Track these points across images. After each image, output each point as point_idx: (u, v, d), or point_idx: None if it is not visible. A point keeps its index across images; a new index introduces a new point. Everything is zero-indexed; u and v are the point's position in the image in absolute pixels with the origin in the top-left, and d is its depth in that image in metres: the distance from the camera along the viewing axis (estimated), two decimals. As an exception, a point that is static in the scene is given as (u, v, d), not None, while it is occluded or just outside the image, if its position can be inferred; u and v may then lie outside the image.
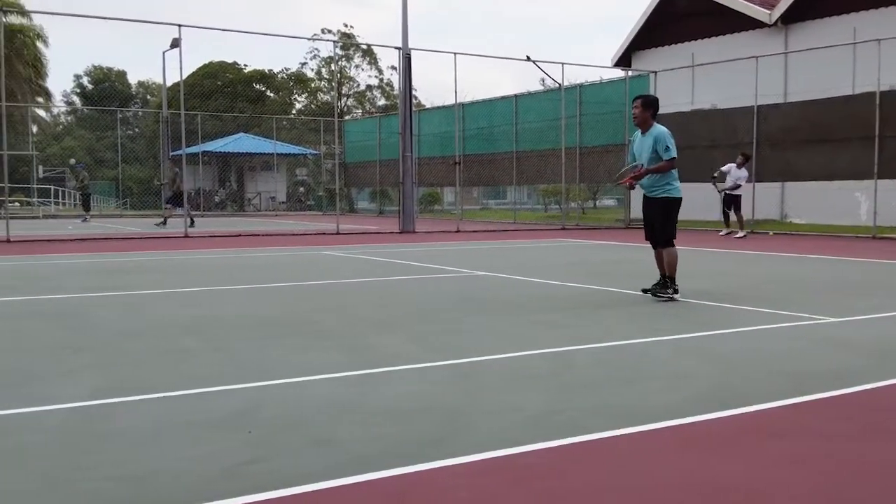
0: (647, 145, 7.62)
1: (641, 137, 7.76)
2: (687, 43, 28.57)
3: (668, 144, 7.52)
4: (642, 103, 7.69)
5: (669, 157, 7.54)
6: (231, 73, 49.97)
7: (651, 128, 7.64)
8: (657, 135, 7.56)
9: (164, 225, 22.34)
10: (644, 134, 7.71)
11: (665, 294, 7.60)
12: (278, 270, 10.66)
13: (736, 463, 3.05)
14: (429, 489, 2.78)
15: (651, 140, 7.58)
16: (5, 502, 2.66)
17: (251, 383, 4.23)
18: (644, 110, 7.65)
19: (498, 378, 4.40)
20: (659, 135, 7.56)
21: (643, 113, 7.65)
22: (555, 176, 24.94)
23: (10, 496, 2.70)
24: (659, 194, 7.75)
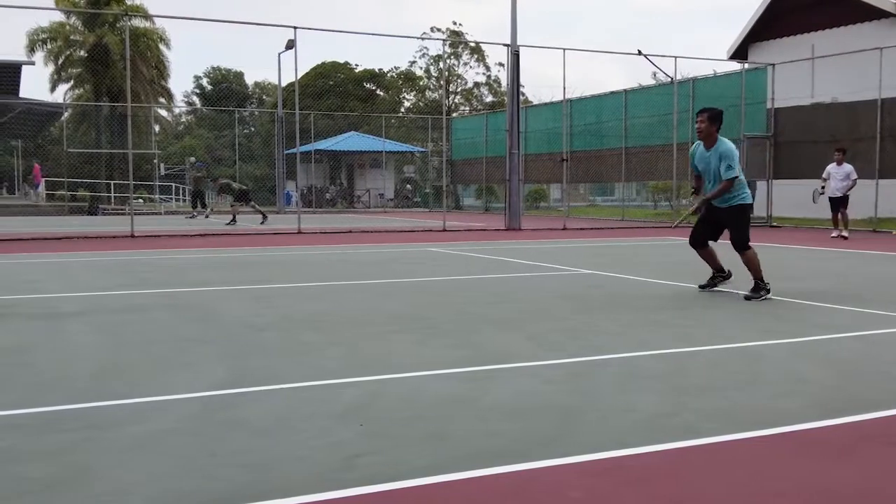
0: (714, 161, 7.55)
1: (704, 151, 7.66)
2: (806, 34, 27.50)
3: (730, 164, 7.43)
4: (708, 117, 7.54)
5: (730, 176, 7.44)
6: (343, 72, 51.08)
7: (717, 143, 7.54)
8: (723, 151, 7.47)
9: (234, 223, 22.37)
10: (708, 149, 7.61)
11: (758, 295, 7.48)
12: (389, 267, 10.87)
13: (854, 471, 2.98)
14: (541, 487, 2.82)
15: (717, 156, 7.50)
16: (149, 484, 2.85)
17: (369, 377, 4.37)
18: (710, 124, 7.53)
19: (611, 378, 4.40)
20: (725, 152, 7.47)
21: (709, 127, 7.52)
22: (665, 172, 24.48)
23: (153, 479, 2.90)
24: (731, 203, 7.64)
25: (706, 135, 7.57)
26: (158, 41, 39.12)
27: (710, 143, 7.59)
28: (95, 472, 2.95)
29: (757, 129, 22.50)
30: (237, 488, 2.80)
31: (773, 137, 22.30)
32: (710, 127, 7.54)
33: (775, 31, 28.75)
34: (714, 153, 7.54)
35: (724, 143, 7.56)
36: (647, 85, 28.55)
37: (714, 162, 7.55)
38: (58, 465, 3.03)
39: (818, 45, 26.07)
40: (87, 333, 5.80)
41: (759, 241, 16.05)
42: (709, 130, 7.55)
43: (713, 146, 7.56)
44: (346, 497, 2.71)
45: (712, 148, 7.57)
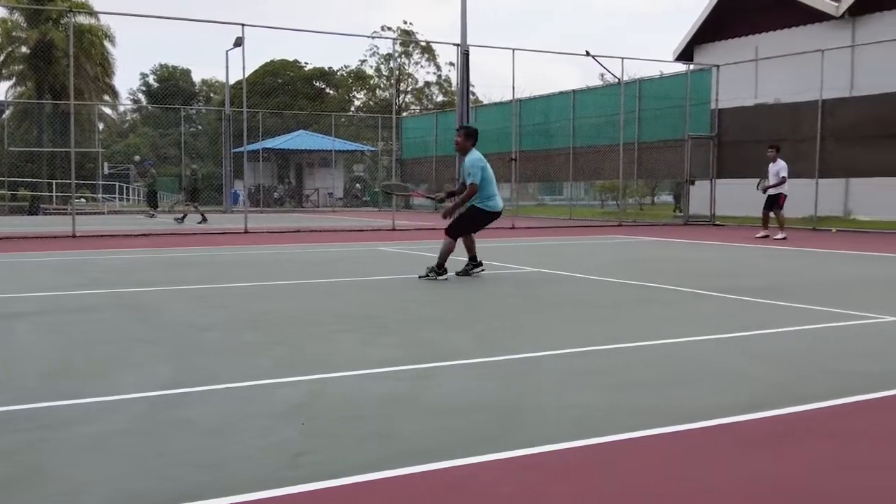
0: (462, 170, 8.99)
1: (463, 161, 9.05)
2: (751, 36, 28.11)
3: (470, 171, 8.78)
4: (464, 133, 9.02)
5: (470, 181, 8.81)
6: (292, 70, 50.71)
7: (468, 153, 8.89)
8: (467, 162, 8.86)
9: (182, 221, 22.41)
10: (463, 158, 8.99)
11: (426, 275, 8.88)
12: (336, 266, 10.85)
13: (790, 464, 3.06)
14: (475, 483, 2.86)
15: (465, 166, 8.89)
16: (103, 484, 2.83)
17: (312, 376, 4.37)
18: (466, 139, 8.93)
19: (552, 375, 4.46)
20: (467, 163, 8.86)
21: (464, 141, 8.92)
22: (612, 172, 24.79)
23: (106, 479, 2.88)
24: (472, 203, 8.96)
25: (461, 147, 8.96)
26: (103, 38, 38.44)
27: (464, 154, 8.96)
28: (49, 472, 2.93)
29: (701, 129, 22.91)
30: (188, 488, 2.80)
31: (717, 137, 22.73)
32: (465, 142, 8.92)
33: (720, 32, 29.31)
34: (464, 164, 8.92)
35: (470, 155, 8.88)
36: (594, 86, 28.86)
37: (463, 170, 8.98)
38: (11, 465, 3.01)
39: (762, 46, 26.65)
40: (37, 333, 5.71)
41: (702, 238, 16.43)
42: (464, 144, 8.92)
43: (465, 156, 8.92)
44: (291, 494, 2.73)
45: (465, 158, 8.93)
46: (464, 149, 8.92)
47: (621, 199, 27.84)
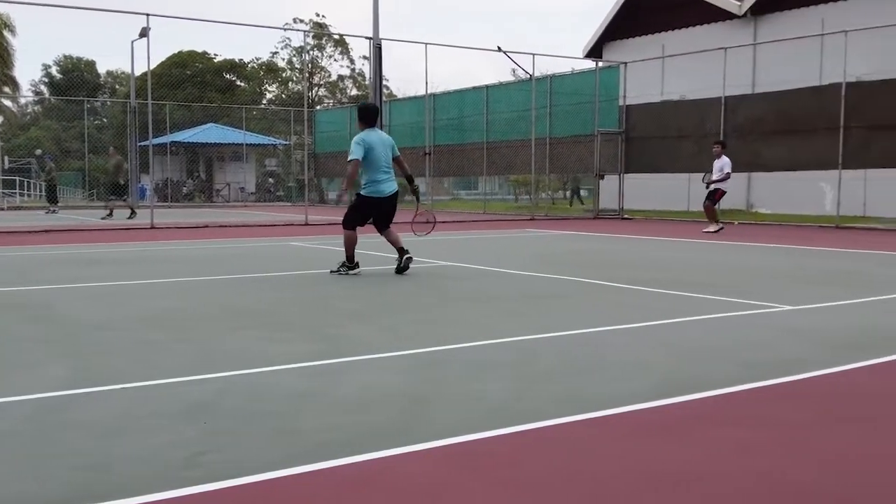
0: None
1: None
2: (658, 34, 28.80)
3: (352, 148, 8.70)
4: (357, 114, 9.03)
5: (349, 158, 8.74)
6: (201, 62, 49.54)
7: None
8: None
9: (111, 216, 21.94)
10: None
11: (339, 270, 8.88)
12: (246, 262, 10.65)
13: (688, 449, 3.14)
14: (388, 476, 2.84)
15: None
16: (-31, 492, 2.68)
17: (217, 374, 4.26)
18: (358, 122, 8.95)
19: (461, 367, 4.47)
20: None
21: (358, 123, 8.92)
22: (525, 166, 25.07)
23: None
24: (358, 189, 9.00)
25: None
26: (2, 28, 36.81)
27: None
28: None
29: (610, 125, 23.37)
30: (75, 490, 2.69)
31: (625, 133, 23.22)
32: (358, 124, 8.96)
33: (629, 30, 29.95)
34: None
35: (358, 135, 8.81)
36: (507, 81, 29.11)
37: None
38: None
39: (668, 44, 27.34)
40: (-89, 336, 5.40)
41: (611, 231, 16.76)
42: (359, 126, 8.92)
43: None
44: (189, 495, 2.64)
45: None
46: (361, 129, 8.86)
47: (534, 194, 28.18)
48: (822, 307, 6.64)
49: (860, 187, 21.30)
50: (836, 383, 4.17)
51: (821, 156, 18.53)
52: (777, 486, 2.76)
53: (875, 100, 17.55)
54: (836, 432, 3.37)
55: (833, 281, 8.63)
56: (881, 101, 17.46)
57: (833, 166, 18.26)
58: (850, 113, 17.86)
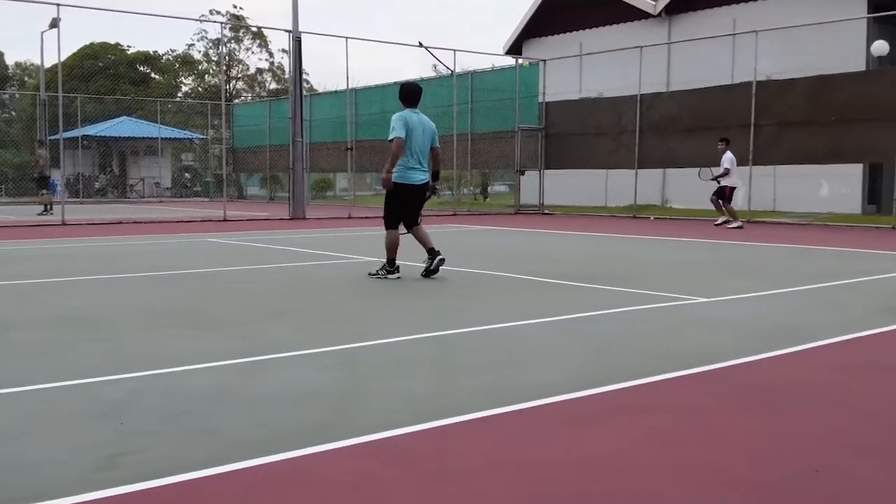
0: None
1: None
2: (576, 32, 29.22)
3: (392, 125, 7.86)
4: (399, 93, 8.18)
5: (391, 136, 7.85)
6: (114, 54, 48.07)
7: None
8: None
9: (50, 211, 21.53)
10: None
11: (380, 274, 8.11)
12: (162, 258, 10.41)
13: (607, 439, 3.20)
14: (311, 474, 2.81)
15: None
16: None
17: (134, 373, 4.15)
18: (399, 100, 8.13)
19: (384, 362, 4.46)
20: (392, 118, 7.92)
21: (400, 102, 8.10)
22: (446, 162, 25.12)
23: None
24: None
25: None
26: None
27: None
28: None
29: (531, 121, 23.62)
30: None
31: (545, 130, 23.50)
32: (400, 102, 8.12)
33: (547, 28, 30.30)
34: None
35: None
36: (428, 77, 29.14)
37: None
38: None
39: (586, 42, 27.78)
40: None
41: (531, 226, 16.97)
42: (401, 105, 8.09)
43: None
44: (108, 497, 2.57)
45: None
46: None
47: (456, 190, 28.29)
48: (735, 299, 6.85)
49: (770, 183, 22.05)
50: (749, 372, 4.31)
51: (733, 152, 19.07)
52: (694, 471, 2.84)
53: (784, 98, 18.18)
54: (749, 418, 3.48)
55: (745, 274, 8.91)
56: (789, 100, 18.10)
57: (744, 163, 18.84)
58: (761, 111, 18.46)
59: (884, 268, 9.23)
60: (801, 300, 6.91)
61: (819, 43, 20.23)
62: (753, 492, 2.67)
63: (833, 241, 13.09)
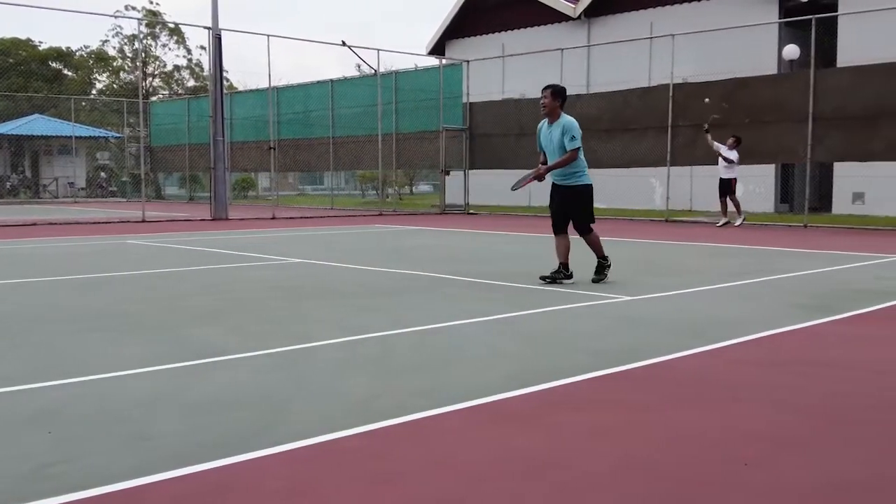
0: (556, 135, 7.69)
1: (549, 127, 7.80)
2: (498, 33, 29.49)
3: (573, 135, 7.61)
4: (552, 92, 7.70)
5: (573, 147, 7.63)
6: (25, 50, 46.38)
7: (559, 118, 7.71)
8: (565, 124, 7.64)
9: None
10: (551, 124, 7.77)
11: (603, 275, 7.97)
12: (80, 261, 10.11)
13: (542, 436, 3.26)
14: (247, 480, 2.79)
15: (559, 130, 7.66)
16: None
17: (60, 380, 4.04)
18: (553, 99, 7.69)
19: (320, 365, 4.44)
20: (567, 124, 7.65)
21: (552, 102, 7.68)
22: (372, 162, 25.05)
23: None
24: (572, 183, 7.84)
25: (550, 110, 7.71)
26: None
27: (553, 119, 7.74)
28: None
29: (455, 121, 23.73)
30: None
31: (469, 130, 23.65)
32: (553, 102, 7.68)
33: (470, 29, 30.49)
34: (556, 127, 7.69)
35: (566, 117, 7.72)
36: (352, 76, 29.00)
37: (556, 136, 7.68)
38: None
39: (508, 44, 28.06)
40: None
41: (458, 227, 17.07)
42: (552, 106, 7.69)
43: (556, 121, 7.71)
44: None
45: (555, 123, 7.72)
46: (553, 111, 7.70)
47: (381, 190, 28.24)
48: (658, 297, 7.04)
49: (686, 183, 22.65)
50: (676, 367, 4.45)
51: (652, 153, 19.57)
52: (627, 464, 2.92)
53: (699, 100, 18.69)
54: (677, 413, 3.59)
55: (667, 272, 9.15)
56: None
57: (662, 163, 19.33)
58: (678, 112, 18.95)
59: (797, 265, 9.59)
60: (720, 297, 7.13)
61: (733, 47, 20.89)
62: (688, 485, 2.76)
63: (748, 240, 13.53)
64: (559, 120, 7.73)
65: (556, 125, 7.73)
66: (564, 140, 7.65)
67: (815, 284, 8.00)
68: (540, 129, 8.00)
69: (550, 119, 7.80)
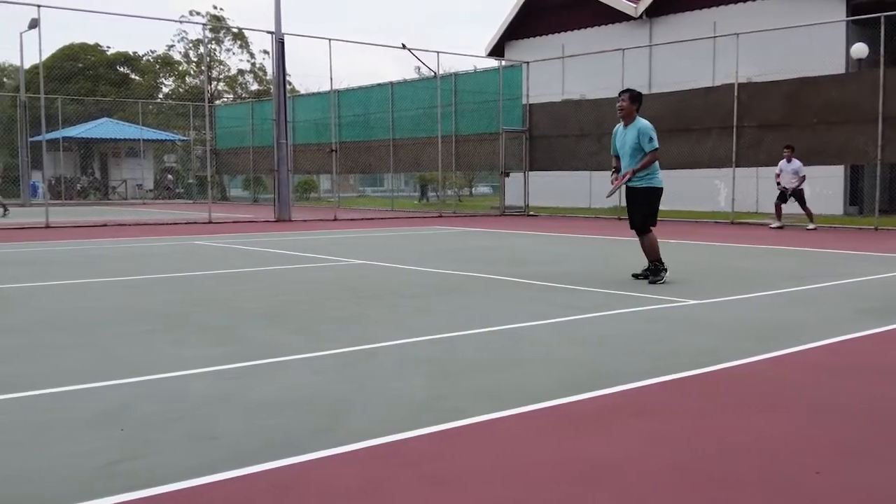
0: (631, 137, 7.88)
1: (623, 130, 8.00)
2: (558, 34, 29.29)
3: (651, 136, 7.80)
4: (630, 96, 7.95)
5: (651, 148, 7.81)
6: (93, 55, 47.71)
7: (634, 121, 7.92)
8: (641, 127, 7.83)
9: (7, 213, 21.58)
10: (626, 126, 7.96)
11: (660, 278, 7.92)
12: (150, 262, 10.35)
13: (603, 440, 3.22)
14: (314, 479, 2.81)
15: (635, 132, 7.84)
16: None
17: (127, 379, 4.13)
18: (631, 103, 7.92)
19: (382, 366, 4.46)
20: (643, 127, 7.83)
21: (630, 105, 7.91)
22: (431, 164, 25.14)
23: None
24: (643, 184, 7.97)
25: (627, 113, 7.92)
26: None
27: (629, 121, 7.95)
28: None
29: (514, 123, 23.66)
30: (-16, 506, 2.56)
31: (529, 131, 23.55)
32: (630, 106, 7.91)
33: (529, 30, 30.36)
34: (632, 129, 7.88)
35: (641, 120, 7.93)
36: (411, 78, 29.14)
37: (631, 138, 7.86)
38: None
39: (568, 44, 27.86)
40: None
41: (517, 228, 17.01)
42: (629, 109, 7.91)
43: (631, 123, 7.92)
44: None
45: (630, 125, 7.93)
46: (629, 115, 7.94)
47: (441, 191, 28.30)
48: (724, 301, 6.90)
49: (752, 185, 22.20)
50: (741, 373, 4.35)
51: (715, 154, 19.23)
52: (689, 472, 2.86)
53: (764, 100, 18.31)
54: (742, 419, 3.51)
55: (732, 276, 8.98)
56: (770, 102, 18.23)
57: (727, 164, 18.98)
58: (742, 113, 18.58)
59: (865, 269, 9.32)
60: (787, 302, 6.96)
61: (799, 46, 20.39)
62: (754, 494, 2.69)
63: (816, 243, 13.20)
64: (634, 122, 7.93)
65: (632, 127, 7.91)
66: (642, 142, 7.82)
67: (885, 289, 7.76)
68: (616, 132, 8.18)
69: (626, 122, 7.99)
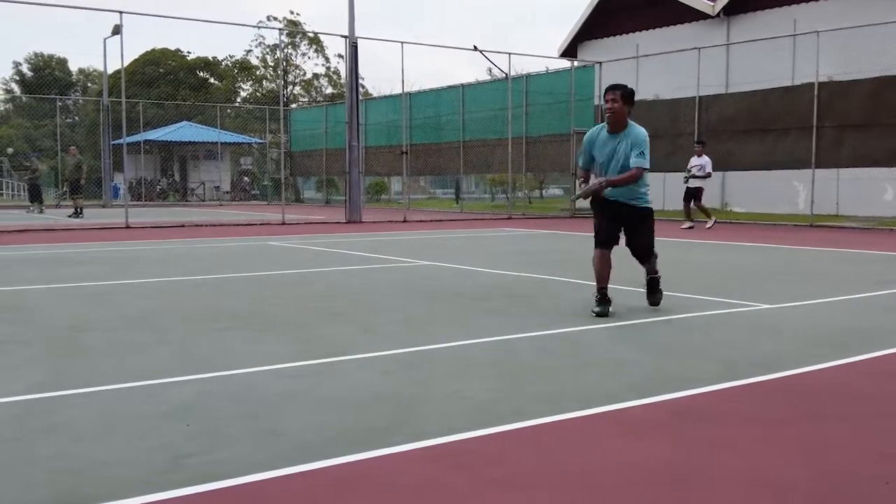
0: (622, 148, 6.28)
1: (608, 137, 6.38)
2: (632, 34, 28.94)
3: (644, 150, 6.25)
4: (622, 95, 6.30)
5: (642, 165, 6.23)
6: (174, 60, 49.15)
7: (627, 127, 6.32)
8: (636, 136, 6.27)
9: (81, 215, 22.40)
10: (613, 133, 6.36)
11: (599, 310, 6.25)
12: (224, 261, 10.60)
13: (668, 447, 3.17)
14: (374, 477, 2.85)
15: (627, 142, 6.26)
16: (-48, 497, 2.66)
17: (199, 375, 4.25)
18: (624, 104, 6.28)
19: (445, 367, 4.49)
20: (638, 137, 6.27)
21: (622, 107, 6.28)
22: (501, 165, 25.12)
23: (-44, 491, 2.70)
24: (641, 204, 6.51)
25: (618, 117, 6.28)
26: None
27: (619, 127, 6.32)
28: None
29: (586, 124, 23.42)
30: (59, 494, 2.67)
31: (601, 132, 23.28)
32: (623, 107, 6.26)
33: (602, 30, 30.07)
34: (624, 137, 6.28)
35: (636, 127, 6.35)
36: (483, 80, 29.17)
37: (623, 148, 6.27)
38: None
39: (642, 44, 27.49)
40: None
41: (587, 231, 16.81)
42: (622, 112, 6.26)
43: (623, 130, 6.31)
44: (174, 498, 2.64)
45: (622, 132, 6.31)
46: (621, 118, 6.28)
47: (511, 193, 28.26)
48: (799, 305, 6.73)
49: (833, 186, 21.56)
50: (814, 381, 4.24)
51: (794, 155, 18.73)
52: (755, 481, 2.81)
53: (846, 99, 17.76)
54: (813, 427, 3.42)
55: (809, 279, 8.74)
56: (852, 101, 17.68)
57: (806, 165, 18.47)
58: (823, 112, 18.06)
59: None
60: (863, 307, 6.75)
61: (882, 43, 19.71)
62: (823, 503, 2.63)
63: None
64: (627, 129, 6.31)
65: (624, 135, 6.30)
66: (632, 154, 6.23)
67: (973, 295, 7.45)
68: (593, 139, 6.50)
69: (615, 127, 6.34)
